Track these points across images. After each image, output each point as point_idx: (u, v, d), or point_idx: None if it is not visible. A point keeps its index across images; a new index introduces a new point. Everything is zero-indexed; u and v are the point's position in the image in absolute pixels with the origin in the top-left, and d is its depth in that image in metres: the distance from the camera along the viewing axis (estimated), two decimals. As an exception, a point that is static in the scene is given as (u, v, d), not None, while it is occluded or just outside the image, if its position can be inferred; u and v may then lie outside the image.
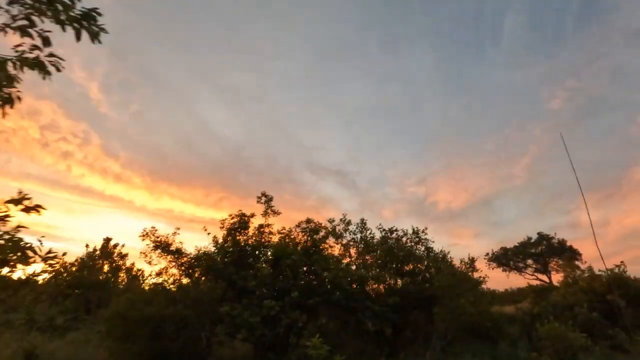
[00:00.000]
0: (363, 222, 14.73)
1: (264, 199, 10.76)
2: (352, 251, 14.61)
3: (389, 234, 14.15)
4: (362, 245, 14.29)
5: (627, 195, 50.53)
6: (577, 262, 42.87)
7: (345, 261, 13.96)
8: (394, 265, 13.81)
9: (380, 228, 14.35)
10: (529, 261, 43.37)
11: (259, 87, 68.09)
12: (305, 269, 8.26)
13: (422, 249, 14.37)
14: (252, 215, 9.56)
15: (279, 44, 65.86)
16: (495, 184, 67.70)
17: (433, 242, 14.22)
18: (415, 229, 14.47)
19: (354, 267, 12.83)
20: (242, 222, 9.19)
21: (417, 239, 14.23)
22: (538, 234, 44.23)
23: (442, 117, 70.58)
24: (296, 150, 70.68)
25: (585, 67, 56.87)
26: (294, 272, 7.73)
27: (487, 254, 46.13)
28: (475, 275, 13.87)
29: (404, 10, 63.09)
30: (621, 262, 13.81)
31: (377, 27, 64.36)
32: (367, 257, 14.33)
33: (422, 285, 11.24)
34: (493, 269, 46.62)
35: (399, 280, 13.97)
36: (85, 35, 3.09)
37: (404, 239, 14.30)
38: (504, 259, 44.83)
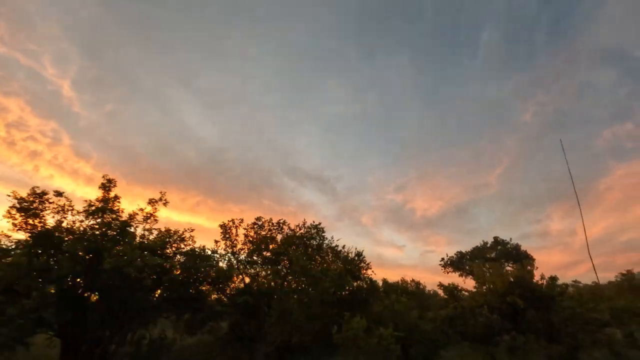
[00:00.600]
0: (259, 219, 13.39)
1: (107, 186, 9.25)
2: (245, 248, 13.24)
3: (278, 229, 12.89)
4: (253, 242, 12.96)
5: (592, 206, 52.28)
6: (529, 268, 43.00)
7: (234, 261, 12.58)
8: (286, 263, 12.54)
9: (268, 222, 13.09)
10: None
11: (238, 90, 67.45)
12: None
13: (319, 245, 13.18)
14: (59, 194, 7.90)
15: (259, 49, 65.61)
16: (470, 192, 69.21)
17: (328, 238, 13.05)
18: (313, 223, 13.27)
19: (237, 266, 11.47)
20: (40, 201, 7.51)
21: (314, 233, 13.00)
22: (494, 238, 44.19)
23: (418, 126, 72.04)
24: (275, 155, 72.04)
25: (554, 82, 59.04)
26: (75, 260, 6.17)
27: (443, 259, 45.52)
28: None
29: (383, 21, 63.97)
30: (529, 259, 12.96)
31: (357, 36, 65.43)
32: (264, 252, 13.00)
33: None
34: (448, 273, 46.10)
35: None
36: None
37: (299, 233, 13.04)
38: (460, 263, 44.48)
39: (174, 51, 62.99)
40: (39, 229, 6.69)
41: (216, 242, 12.54)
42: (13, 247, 6.90)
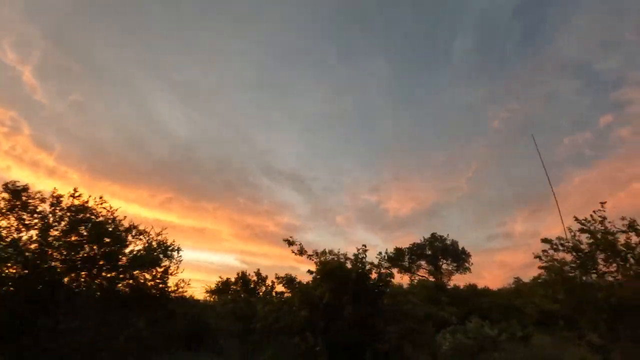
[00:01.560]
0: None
1: None
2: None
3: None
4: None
5: (552, 210, 53.20)
6: (466, 264, 42.49)
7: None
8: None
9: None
10: (422, 262, 42.23)
11: (214, 86, 63.62)
12: None
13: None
14: None
15: (237, 44, 62.28)
16: (442, 194, 70.43)
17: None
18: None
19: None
20: None
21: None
22: (432, 234, 43.27)
23: (394, 128, 73.47)
24: (251, 153, 68.42)
25: (523, 91, 59.98)
26: None
27: (380, 253, 44.17)
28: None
29: (363, 23, 65.72)
30: (363, 245, 11.14)
31: (337, 37, 64.30)
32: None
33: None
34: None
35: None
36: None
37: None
38: (398, 260, 43.30)
39: (148, 42, 56.94)
40: None
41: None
42: None
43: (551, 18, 54.97)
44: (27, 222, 9.42)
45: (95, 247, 9.35)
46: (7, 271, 8.18)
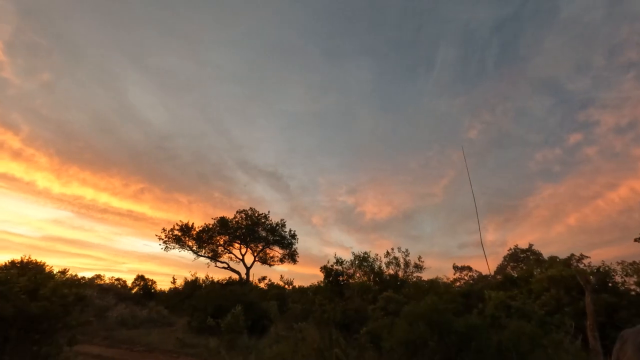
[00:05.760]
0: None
1: None
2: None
3: None
4: None
5: (521, 221, 59.34)
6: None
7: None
8: None
9: None
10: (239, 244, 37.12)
11: (194, 75, 60.74)
12: None
13: None
14: None
15: (220, 35, 58.90)
16: (417, 200, 69.27)
17: None
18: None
19: None
20: None
21: None
22: (250, 208, 37.84)
23: (373, 132, 71.52)
24: (228, 147, 65.52)
25: (498, 104, 63.83)
26: None
27: (169, 227, 32.39)
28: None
29: (348, 24, 61.73)
30: None
31: (322, 36, 61.96)
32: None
33: None
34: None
35: None
36: None
37: None
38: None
39: (127, 23, 51.52)
40: None
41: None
42: None
43: (527, 36, 61.52)
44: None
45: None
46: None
